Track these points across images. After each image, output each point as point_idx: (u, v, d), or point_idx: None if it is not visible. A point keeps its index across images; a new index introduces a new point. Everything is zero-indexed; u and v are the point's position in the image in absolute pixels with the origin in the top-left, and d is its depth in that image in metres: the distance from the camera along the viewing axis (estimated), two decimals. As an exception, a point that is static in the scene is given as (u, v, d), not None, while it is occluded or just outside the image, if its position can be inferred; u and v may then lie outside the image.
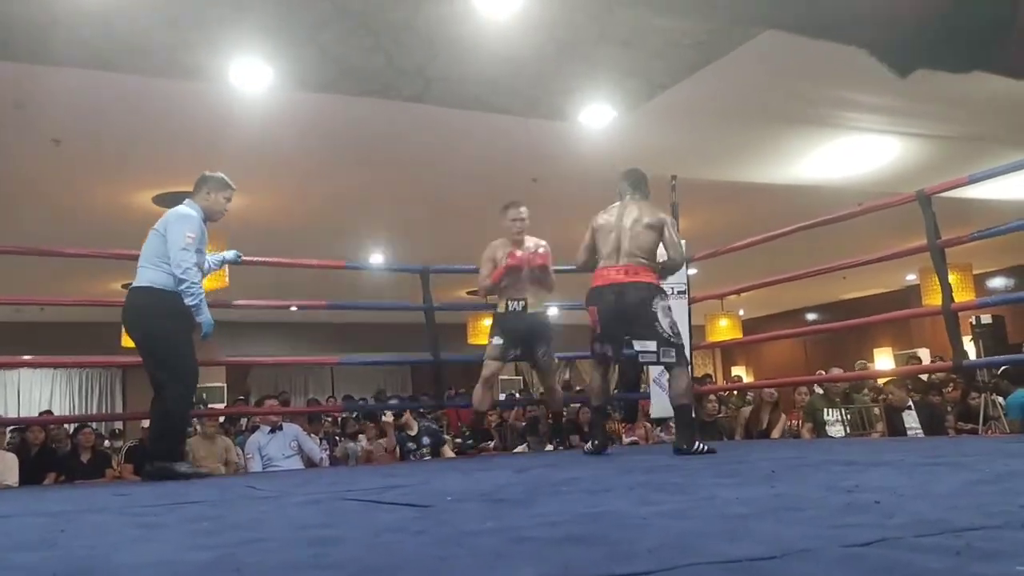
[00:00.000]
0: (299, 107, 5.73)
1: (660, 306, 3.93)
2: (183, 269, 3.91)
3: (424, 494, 2.20)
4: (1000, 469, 2.06)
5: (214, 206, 4.31)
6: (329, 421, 8.71)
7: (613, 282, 4.00)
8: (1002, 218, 6.01)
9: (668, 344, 3.89)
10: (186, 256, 3.93)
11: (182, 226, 4.02)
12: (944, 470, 2.17)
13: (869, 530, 1.17)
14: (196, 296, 3.96)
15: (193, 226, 4.05)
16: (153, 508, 2.34)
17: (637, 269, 4.00)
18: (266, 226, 8.28)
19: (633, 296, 3.95)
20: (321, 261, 6.09)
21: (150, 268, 4.01)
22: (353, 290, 9.63)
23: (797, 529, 1.25)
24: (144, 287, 4.01)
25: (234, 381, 14.23)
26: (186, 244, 3.94)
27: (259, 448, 6.28)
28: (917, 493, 1.68)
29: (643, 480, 2.35)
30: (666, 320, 3.92)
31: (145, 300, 4.01)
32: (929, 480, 1.92)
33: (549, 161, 7.09)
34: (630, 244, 4.07)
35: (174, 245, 3.95)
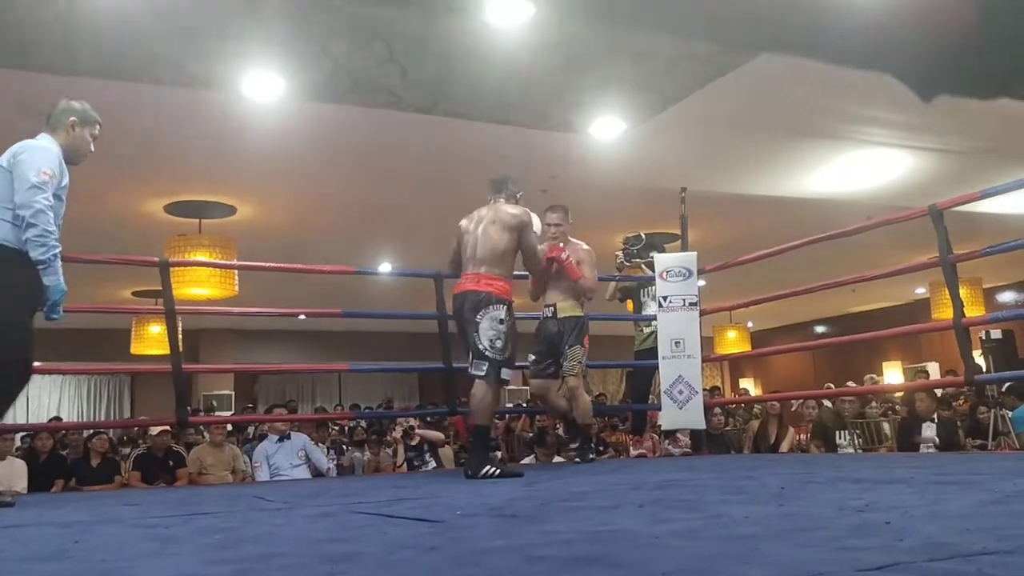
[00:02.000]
0: (311, 117, 5.77)
1: (486, 316, 3.79)
2: (34, 211, 3.06)
3: (434, 508, 2.21)
4: (1010, 489, 2.06)
5: (78, 143, 3.45)
6: (336, 430, 8.73)
7: (460, 290, 3.96)
8: (1011, 232, 6.01)
9: (480, 356, 3.77)
10: (37, 196, 3.08)
11: (36, 159, 3.18)
12: (954, 489, 2.17)
13: (881, 553, 1.17)
14: (49, 248, 3.10)
15: (51, 160, 3.22)
16: (165, 519, 2.35)
17: (479, 277, 3.91)
18: (277, 234, 8.33)
19: (466, 303, 3.87)
20: (332, 267, 6.12)
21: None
22: (361, 299, 9.67)
23: (809, 552, 1.25)
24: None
25: (242, 389, 14.28)
26: (40, 181, 3.11)
27: (267, 457, 6.29)
28: (928, 514, 1.68)
29: (653, 496, 2.36)
30: (489, 333, 3.77)
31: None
32: (940, 500, 1.92)
33: (559, 172, 7.10)
34: (481, 251, 3.97)
35: (23, 181, 3.10)
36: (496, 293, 3.86)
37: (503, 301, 3.87)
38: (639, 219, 7.22)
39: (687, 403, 5.45)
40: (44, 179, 3.12)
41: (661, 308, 5.53)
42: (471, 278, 3.93)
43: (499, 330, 3.79)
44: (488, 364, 3.76)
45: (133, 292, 10.94)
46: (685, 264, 5.61)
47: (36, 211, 3.06)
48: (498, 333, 3.79)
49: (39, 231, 3.06)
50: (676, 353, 5.48)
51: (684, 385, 5.46)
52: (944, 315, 8.17)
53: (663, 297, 5.53)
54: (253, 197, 7.49)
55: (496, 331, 3.79)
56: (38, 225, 3.06)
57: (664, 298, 5.53)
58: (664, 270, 5.59)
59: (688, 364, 5.44)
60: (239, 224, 7.89)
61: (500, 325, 3.80)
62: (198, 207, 7.49)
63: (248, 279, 7.71)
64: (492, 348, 3.77)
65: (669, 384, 5.47)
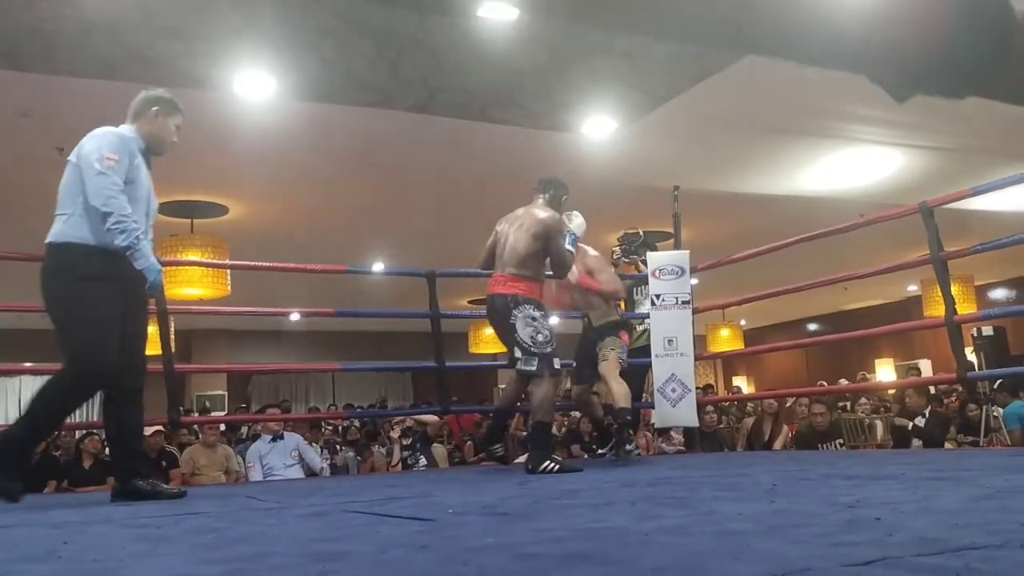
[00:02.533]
0: (303, 116, 5.76)
1: (520, 316, 3.84)
2: (104, 198, 2.94)
3: (426, 507, 2.21)
4: (1000, 484, 2.07)
5: (162, 133, 3.39)
6: (329, 429, 8.72)
7: (489, 292, 4.03)
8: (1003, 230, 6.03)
9: (529, 353, 3.81)
10: (105, 183, 2.97)
11: (98, 146, 3.06)
12: (945, 485, 2.18)
13: (870, 548, 1.18)
14: (129, 233, 2.96)
15: (112, 144, 3.09)
16: (157, 519, 2.34)
17: (505, 279, 3.97)
18: (269, 234, 8.32)
19: (496, 306, 3.94)
20: (324, 266, 6.10)
21: (61, 217, 3.09)
22: (354, 299, 9.65)
23: (798, 547, 1.26)
24: (46, 244, 3.11)
25: (235, 389, 14.26)
26: (105, 167, 2.99)
27: (260, 457, 6.29)
28: (918, 509, 1.68)
29: (645, 494, 2.36)
30: (527, 330, 3.83)
31: (44, 262, 3.12)
32: (930, 495, 1.93)
33: (551, 171, 7.08)
34: (508, 253, 4.04)
35: (89, 171, 2.99)
36: (522, 294, 3.92)
37: (530, 301, 3.91)
38: (632, 218, 7.21)
39: (680, 401, 5.46)
40: (109, 164, 3.00)
41: (654, 306, 5.54)
42: (499, 280, 4.01)
43: (535, 326, 3.85)
44: (538, 359, 3.81)
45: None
46: (678, 262, 5.62)
47: (107, 198, 2.95)
48: (536, 328, 3.84)
49: (115, 218, 2.94)
50: (669, 351, 5.49)
51: (677, 383, 5.47)
52: (936, 312, 8.20)
53: (656, 295, 5.54)
54: (245, 197, 7.47)
55: (533, 327, 3.84)
56: (113, 212, 2.94)
57: (657, 296, 5.53)
58: (657, 268, 5.60)
59: (681, 362, 5.45)
60: (231, 224, 7.88)
61: (535, 322, 3.86)
62: (190, 207, 7.47)
63: (241, 279, 7.69)
64: (536, 343, 3.82)
65: (662, 382, 5.48)
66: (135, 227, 2.99)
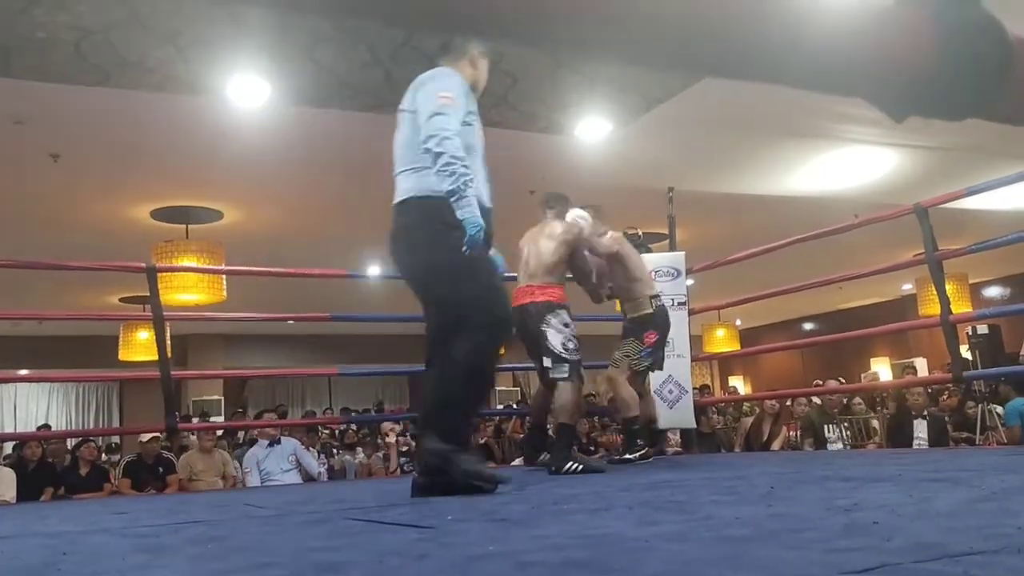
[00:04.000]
0: (297, 121, 5.76)
1: (553, 322, 3.98)
2: (438, 139, 2.74)
3: (425, 513, 2.21)
4: (997, 485, 2.08)
5: (479, 74, 3.21)
6: (326, 433, 8.72)
7: (517, 304, 4.06)
8: (997, 228, 6.05)
9: (559, 360, 3.94)
10: (439, 122, 2.77)
11: (436, 85, 2.88)
12: (943, 486, 2.19)
13: (868, 555, 1.18)
14: (458, 176, 2.74)
15: (451, 84, 2.90)
16: (155, 528, 2.34)
17: (533, 289, 4.11)
18: (264, 239, 8.31)
19: (528, 315, 4.03)
20: (321, 270, 6.10)
21: (407, 173, 2.92)
22: (351, 302, 9.65)
23: (796, 553, 1.26)
24: (401, 202, 2.91)
25: (231, 394, 14.24)
26: (439, 105, 2.80)
27: (257, 462, 6.29)
28: (916, 512, 1.69)
29: (644, 498, 2.36)
30: (558, 337, 3.96)
31: (405, 219, 2.90)
32: (928, 498, 1.94)
33: (546, 173, 7.10)
34: (533, 264, 4.20)
35: (424, 112, 2.81)
36: (554, 300, 4.07)
37: (563, 306, 4.07)
38: (627, 219, 7.19)
39: (677, 402, 5.48)
40: (444, 103, 2.80)
41: (650, 308, 5.54)
42: (526, 291, 4.14)
43: (566, 332, 3.99)
44: (569, 366, 3.95)
45: (120, 298, 10.89)
46: (673, 264, 5.63)
47: (441, 139, 2.75)
48: (567, 335, 3.98)
49: (445, 159, 2.73)
50: (666, 352, 5.50)
51: (674, 384, 5.48)
52: (931, 311, 8.22)
53: (652, 297, 5.54)
54: (240, 201, 7.47)
55: (564, 334, 3.98)
56: (444, 152, 2.74)
57: (653, 298, 5.53)
58: (652, 270, 5.60)
59: (677, 363, 5.46)
60: (226, 229, 7.87)
61: (566, 328, 4.00)
62: (184, 212, 7.47)
63: (236, 284, 7.69)
64: (567, 350, 3.96)
65: (659, 384, 5.48)
66: (465, 172, 2.76)
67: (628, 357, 4.46)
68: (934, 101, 0.60)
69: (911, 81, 0.59)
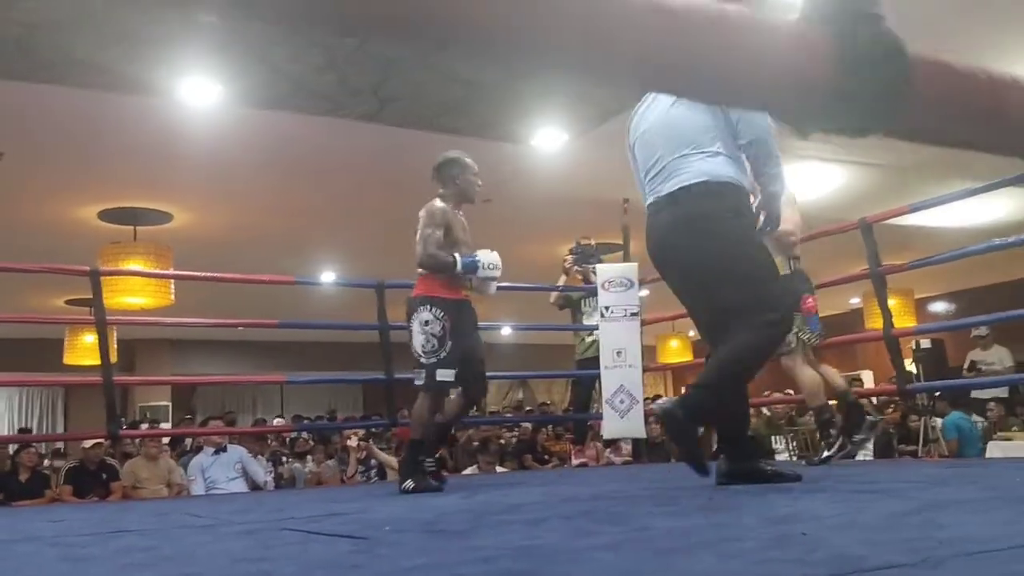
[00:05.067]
0: (251, 123, 5.70)
1: (416, 320, 3.61)
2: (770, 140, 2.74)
3: (364, 524, 2.19)
4: (928, 498, 2.12)
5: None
6: (276, 441, 8.60)
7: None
8: (941, 245, 6.19)
9: (418, 364, 3.59)
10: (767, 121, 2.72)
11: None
12: (876, 498, 2.22)
13: (790, 567, 1.19)
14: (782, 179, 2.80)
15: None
16: (86, 538, 2.29)
17: (417, 280, 3.76)
18: (215, 242, 8.19)
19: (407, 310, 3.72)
20: (271, 276, 6.02)
21: (695, 157, 2.76)
22: (304, 308, 9.55)
23: (725, 564, 1.27)
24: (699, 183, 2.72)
25: (180, 399, 13.99)
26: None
27: (202, 470, 6.18)
28: (845, 523, 1.71)
29: (584, 509, 2.37)
30: (419, 337, 3.58)
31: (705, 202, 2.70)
32: (860, 510, 1.96)
33: (503, 182, 7.11)
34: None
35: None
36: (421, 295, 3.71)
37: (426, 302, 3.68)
38: (582, 229, 7.25)
39: (628, 412, 5.50)
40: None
41: (603, 318, 5.57)
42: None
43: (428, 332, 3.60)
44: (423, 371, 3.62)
45: (66, 300, 10.65)
46: (627, 274, 5.67)
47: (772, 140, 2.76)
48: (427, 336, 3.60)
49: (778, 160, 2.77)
50: (618, 363, 5.53)
51: (625, 394, 5.51)
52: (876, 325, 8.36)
53: (605, 307, 5.57)
54: (190, 204, 7.36)
55: (424, 335, 3.60)
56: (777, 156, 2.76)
57: (606, 308, 5.57)
58: (606, 280, 5.63)
59: (629, 373, 5.49)
60: (176, 231, 7.75)
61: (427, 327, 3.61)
62: (133, 214, 7.34)
63: (186, 287, 7.57)
64: (423, 353, 3.61)
65: (611, 393, 5.51)
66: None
67: (795, 334, 3.84)
68: (836, 117, 0.61)
69: (813, 97, 0.60)
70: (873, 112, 0.59)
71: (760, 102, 0.64)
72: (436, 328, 3.58)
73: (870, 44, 0.58)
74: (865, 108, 0.59)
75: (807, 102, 0.60)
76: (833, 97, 0.59)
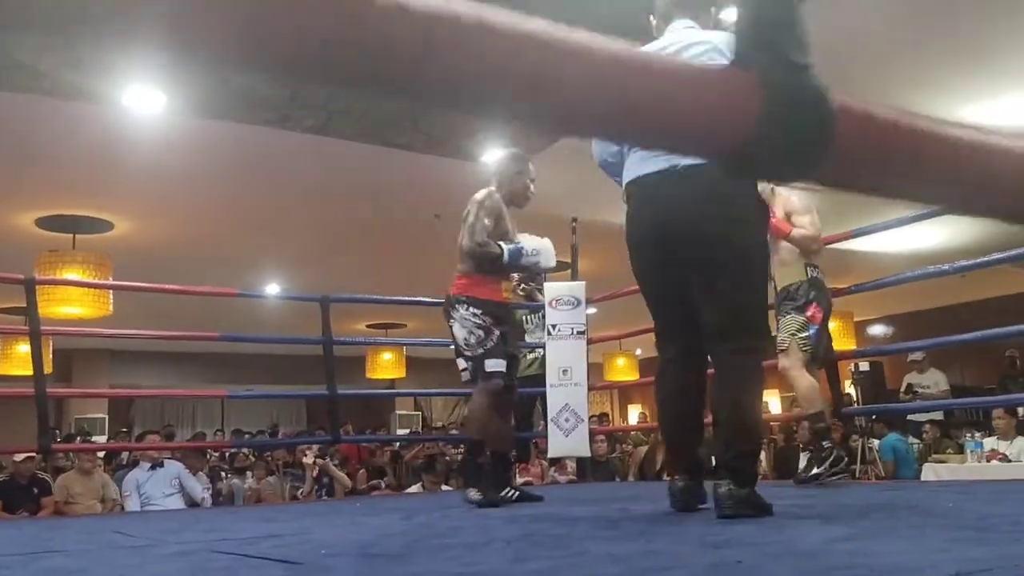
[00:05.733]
0: (195, 133, 5.61)
1: (455, 316, 3.52)
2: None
3: (300, 546, 2.15)
4: (864, 524, 2.15)
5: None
6: (216, 456, 8.43)
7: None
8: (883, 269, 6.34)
9: (466, 358, 3.50)
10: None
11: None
12: (813, 524, 2.25)
13: (724, 598, 1.20)
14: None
15: None
16: (10, 559, 2.21)
17: (455, 277, 3.63)
18: (157, 252, 8.03)
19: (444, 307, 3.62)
20: (213, 288, 5.91)
21: None
22: (249, 320, 9.41)
23: (658, 595, 1.27)
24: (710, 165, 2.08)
25: (117, 412, 13.63)
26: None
27: (137, 486, 6.03)
28: (781, 552, 1.73)
29: (525, 531, 2.35)
30: (461, 331, 3.49)
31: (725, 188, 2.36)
32: (796, 536, 1.99)
33: (453, 198, 7.09)
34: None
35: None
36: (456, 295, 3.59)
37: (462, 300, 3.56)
38: (530, 247, 7.27)
39: (573, 431, 5.50)
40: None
41: (550, 336, 5.58)
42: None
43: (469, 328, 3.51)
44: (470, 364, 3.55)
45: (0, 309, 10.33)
46: (574, 293, 5.69)
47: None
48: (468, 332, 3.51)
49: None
50: (564, 381, 5.53)
51: (570, 413, 5.51)
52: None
53: (552, 325, 5.59)
54: (132, 213, 7.21)
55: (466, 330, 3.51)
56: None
57: (553, 326, 5.58)
58: (553, 298, 5.65)
59: (575, 392, 5.50)
60: (116, 240, 7.58)
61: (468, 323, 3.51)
62: (73, 222, 7.17)
63: (126, 298, 7.41)
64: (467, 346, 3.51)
65: (556, 412, 5.51)
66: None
67: (794, 336, 3.77)
68: (760, 164, 0.62)
69: (738, 143, 0.60)
70: (794, 161, 0.60)
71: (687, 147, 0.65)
72: (480, 320, 3.49)
73: (794, 93, 0.59)
74: (787, 157, 0.60)
75: (732, 148, 0.60)
76: (756, 145, 0.59)
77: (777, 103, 0.57)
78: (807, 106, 0.58)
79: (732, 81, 0.59)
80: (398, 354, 12.03)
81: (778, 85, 0.58)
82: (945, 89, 5.60)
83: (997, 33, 4.91)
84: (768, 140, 0.57)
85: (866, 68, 5.29)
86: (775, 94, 0.57)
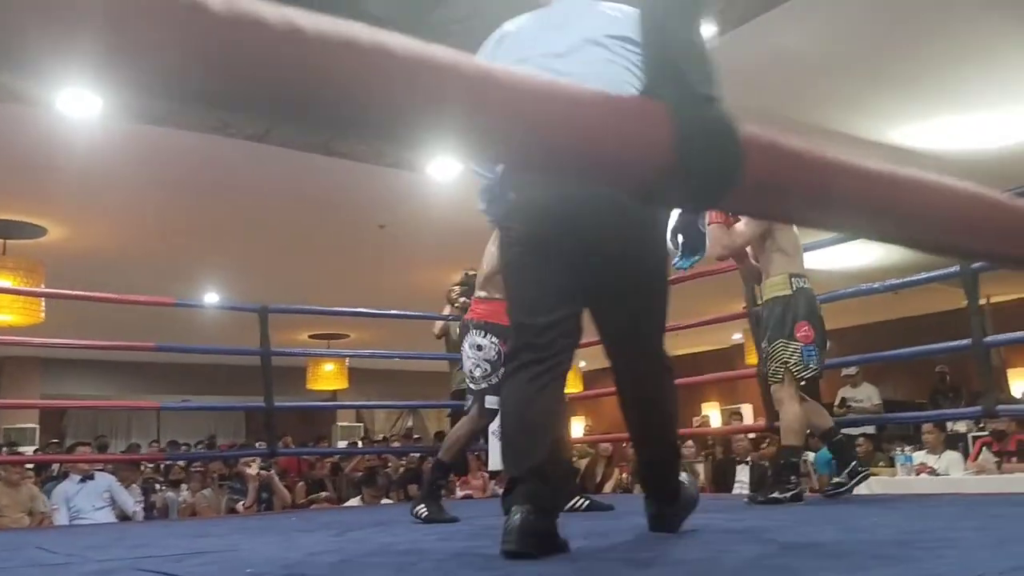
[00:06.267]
0: (132, 138, 5.49)
1: (468, 343, 3.51)
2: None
3: (225, 565, 2.10)
4: (789, 540, 2.18)
5: None
6: (150, 467, 8.23)
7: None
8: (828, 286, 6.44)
9: (470, 391, 3.51)
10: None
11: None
12: (740, 540, 2.26)
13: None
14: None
15: None
16: (-84, 580, 2.11)
17: (473, 301, 3.66)
18: (92, 259, 7.83)
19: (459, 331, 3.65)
20: (149, 298, 5.78)
21: None
22: (186, 329, 9.22)
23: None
24: None
25: (48, 422, 13.22)
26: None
27: (67, 499, 5.85)
28: (704, 570, 1.74)
29: (458, 549, 2.34)
30: (468, 362, 3.50)
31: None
32: (721, 553, 2.00)
33: (397, 208, 7.08)
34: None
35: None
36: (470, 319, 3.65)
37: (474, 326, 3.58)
38: (474, 259, 7.27)
39: (513, 445, 5.49)
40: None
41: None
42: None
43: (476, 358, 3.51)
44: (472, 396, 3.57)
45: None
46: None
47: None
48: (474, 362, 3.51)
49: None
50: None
51: (511, 426, 5.49)
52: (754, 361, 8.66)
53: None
54: (66, 218, 7.02)
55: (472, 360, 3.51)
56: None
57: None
58: (497, 312, 5.64)
59: (515, 406, 5.48)
60: (49, 246, 7.37)
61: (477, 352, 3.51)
62: (4, 226, 6.97)
63: (59, 305, 7.20)
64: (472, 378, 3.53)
65: (498, 424, 5.49)
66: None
67: (786, 365, 3.61)
68: (670, 194, 0.62)
69: (649, 173, 0.60)
70: (704, 191, 0.60)
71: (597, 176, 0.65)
72: (491, 354, 3.43)
73: (702, 125, 0.59)
74: (696, 187, 0.60)
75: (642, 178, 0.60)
76: (667, 174, 0.59)
77: (687, 135, 0.57)
78: (716, 137, 0.59)
79: (645, 111, 0.59)
80: (340, 365, 11.90)
81: (688, 117, 0.58)
82: (877, 112, 5.76)
83: (929, 55, 5.06)
84: (678, 170, 0.57)
85: (797, 90, 5.42)
86: (685, 126, 0.57)
